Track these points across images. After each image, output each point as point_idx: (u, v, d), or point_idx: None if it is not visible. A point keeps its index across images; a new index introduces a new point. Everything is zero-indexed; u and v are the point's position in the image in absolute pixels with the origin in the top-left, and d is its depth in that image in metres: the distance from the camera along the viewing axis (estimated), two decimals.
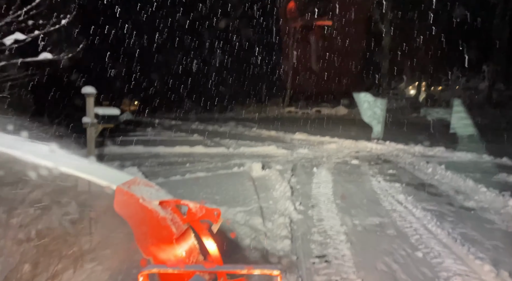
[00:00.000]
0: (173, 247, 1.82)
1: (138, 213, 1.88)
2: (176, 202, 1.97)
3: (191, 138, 12.61)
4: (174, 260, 1.82)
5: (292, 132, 14.11)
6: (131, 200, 1.88)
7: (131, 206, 1.90)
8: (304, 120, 22.19)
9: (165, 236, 1.82)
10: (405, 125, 17.55)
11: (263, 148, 10.45)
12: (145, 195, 1.91)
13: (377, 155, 9.79)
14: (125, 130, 15.61)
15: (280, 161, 8.66)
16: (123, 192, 1.91)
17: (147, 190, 2.01)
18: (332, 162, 8.71)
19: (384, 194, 5.75)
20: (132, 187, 1.97)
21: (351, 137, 12.32)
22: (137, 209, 1.87)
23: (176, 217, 1.92)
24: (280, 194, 5.48)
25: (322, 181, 6.58)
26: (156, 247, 1.85)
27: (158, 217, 1.83)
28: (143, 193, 1.93)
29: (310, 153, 10.02)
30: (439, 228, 4.19)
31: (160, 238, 1.84)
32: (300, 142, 12.29)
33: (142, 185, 2.05)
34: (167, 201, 1.96)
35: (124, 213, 1.98)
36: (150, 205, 1.86)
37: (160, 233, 1.83)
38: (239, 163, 8.13)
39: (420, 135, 12.39)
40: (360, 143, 11.47)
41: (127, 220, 1.98)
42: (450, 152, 9.68)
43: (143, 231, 1.92)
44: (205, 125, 18.66)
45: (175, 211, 1.95)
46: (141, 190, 1.97)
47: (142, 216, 1.87)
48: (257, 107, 33.54)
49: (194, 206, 1.93)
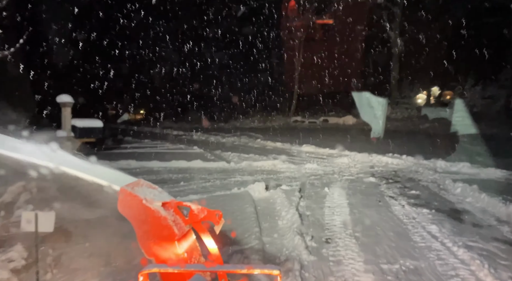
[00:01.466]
0: (175, 247, 1.83)
1: (141, 213, 1.91)
2: (178, 204, 1.99)
3: (190, 151, 11.72)
4: (176, 260, 1.82)
5: (299, 144, 13.18)
6: (135, 201, 1.91)
7: (134, 206, 1.93)
8: (311, 130, 21.26)
9: (167, 236, 1.84)
10: (418, 137, 16.51)
11: (267, 162, 9.53)
12: (148, 197, 1.94)
13: (394, 171, 8.80)
14: (121, 141, 14.81)
15: (287, 178, 7.73)
16: (126, 193, 1.93)
17: (150, 191, 2.03)
18: (345, 179, 7.75)
19: (412, 223, 4.77)
20: (136, 188, 1.98)
21: (364, 149, 11.35)
22: (140, 210, 1.90)
23: (178, 218, 1.94)
24: (287, 223, 4.54)
25: (336, 205, 5.63)
26: (158, 247, 1.86)
27: (160, 217, 1.86)
28: (146, 194, 1.95)
29: (320, 168, 9.07)
30: (496, 278, 3.21)
31: (162, 239, 1.86)
32: (308, 155, 11.35)
33: (145, 187, 2.06)
34: (170, 202, 1.98)
35: (127, 213, 1.99)
36: (153, 206, 1.89)
37: (162, 234, 1.85)
38: (240, 181, 7.22)
39: (438, 148, 11.40)
40: (374, 156, 10.49)
41: (130, 220, 1.98)
42: (477, 167, 8.66)
43: (145, 231, 1.93)
44: (207, 136, 17.80)
45: (177, 212, 1.97)
46: (144, 191, 1.99)
47: (145, 216, 1.90)
48: (262, 117, 32.67)
49: (196, 207, 1.96)
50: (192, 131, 20.49)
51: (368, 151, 11.20)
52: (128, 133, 18.15)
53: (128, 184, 2.01)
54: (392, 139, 14.37)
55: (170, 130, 22.71)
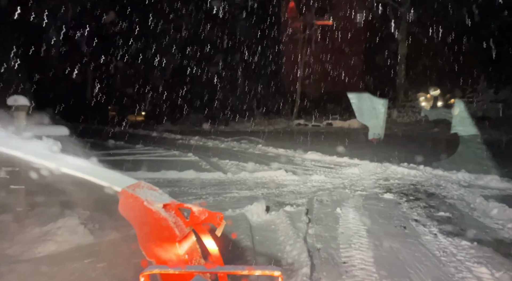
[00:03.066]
0: (176, 249, 1.81)
1: (142, 215, 1.89)
2: (179, 205, 1.96)
3: (184, 159, 10.68)
4: (176, 262, 1.79)
5: (303, 151, 12.15)
6: (136, 202, 1.89)
7: (135, 208, 1.91)
8: (315, 134, 20.25)
9: (168, 238, 1.82)
10: (430, 142, 15.47)
11: (269, 172, 8.50)
12: (149, 198, 1.91)
13: (412, 185, 7.76)
14: (113, 146, 13.81)
15: (291, 194, 6.71)
16: (128, 194, 1.92)
17: (151, 193, 2.00)
18: (358, 195, 6.71)
19: (453, 263, 3.73)
20: (137, 189, 1.97)
21: (375, 157, 10.32)
22: (141, 211, 1.88)
23: (179, 220, 1.92)
24: (293, 264, 3.51)
25: (352, 233, 4.58)
26: (159, 249, 1.84)
27: (161, 219, 1.83)
28: (147, 196, 1.93)
29: (328, 180, 8.04)
30: None
31: (163, 240, 1.83)
32: (314, 164, 10.32)
33: (146, 188, 2.04)
34: (171, 204, 1.95)
35: (128, 215, 1.97)
36: (154, 207, 1.86)
37: (163, 235, 1.83)
38: (237, 198, 6.20)
39: (456, 156, 10.34)
40: (387, 166, 9.43)
41: (131, 222, 1.97)
42: (507, 181, 7.61)
43: (146, 233, 1.91)
44: (205, 141, 16.78)
45: (178, 214, 1.94)
46: (146, 193, 1.96)
47: (146, 218, 1.88)
48: (264, 120, 31.66)
49: (197, 209, 1.94)
50: (191, 135, 19.50)
51: (380, 160, 10.17)
52: (122, 138, 17.11)
53: (129, 185, 1.99)
54: (403, 145, 13.33)
55: (168, 133, 21.74)
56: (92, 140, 15.14)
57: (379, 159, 10.32)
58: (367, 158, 10.49)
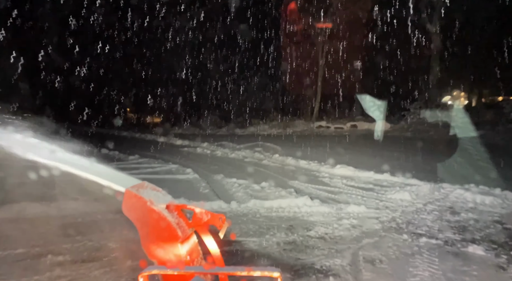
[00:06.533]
0: (178, 250, 1.77)
1: (145, 215, 1.85)
2: (182, 206, 1.93)
3: (180, 177, 8.46)
4: (177, 262, 1.73)
5: (329, 164, 9.81)
6: (140, 203, 1.85)
7: (139, 208, 1.87)
8: (339, 138, 17.78)
9: (170, 239, 1.78)
10: (497, 152, 11.68)
11: (288, 200, 6.22)
12: (153, 199, 1.86)
13: (497, 222, 5.32)
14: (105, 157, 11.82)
15: (321, 244, 4.43)
16: (131, 195, 1.88)
17: (154, 194, 1.95)
18: (425, 245, 4.35)
19: None
20: (141, 190, 1.92)
21: (426, 176, 7.92)
22: (145, 212, 1.84)
23: (181, 221, 1.87)
24: None
25: None
26: (161, 249, 1.81)
27: (164, 220, 1.79)
28: (150, 196, 1.88)
29: (371, 214, 5.71)
30: None
31: (165, 241, 1.80)
32: (346, 183, 7.97)
33: (149, 189, 1.97)
34: (173, 205, 1.92)
35: (132, 215, 1.94)
36: (157, 208, 1.82)
37: (165, 236, 1.79)
38: (240, 256, 3.97)
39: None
40: (447, 189, 7.00)
41: (134, 222, 1.93)
42: None
43: (149, 234, 1.88)
44: (214, 149, 14.63)
45: (181, 215, 1.91)
46: (149, 194, 1.91)
47: (149, 218, 1.83)
48: (282, 122, 29.31)
49: (199, 211, 1.91)
50: (200, 140, 17.40)
51: (433, 177, 7.78)
52: (119, 145, 15.12)
53: (133, 185, 1.91)
54: (459, 156, 10.70)
55: (176, 138, 19.75)
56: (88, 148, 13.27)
57: (431, 176, 7.92)
58: (412, 173, 8.10)
